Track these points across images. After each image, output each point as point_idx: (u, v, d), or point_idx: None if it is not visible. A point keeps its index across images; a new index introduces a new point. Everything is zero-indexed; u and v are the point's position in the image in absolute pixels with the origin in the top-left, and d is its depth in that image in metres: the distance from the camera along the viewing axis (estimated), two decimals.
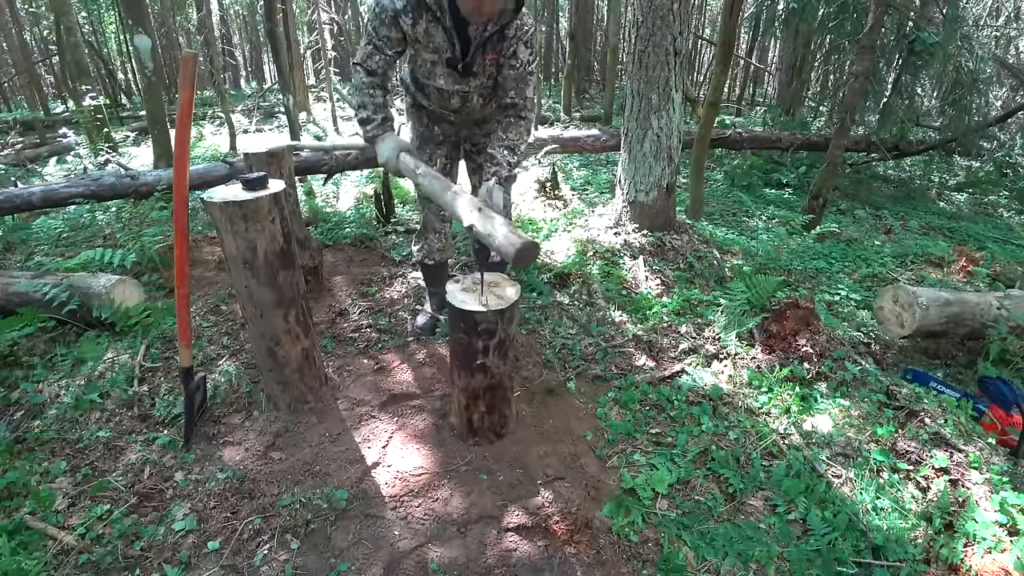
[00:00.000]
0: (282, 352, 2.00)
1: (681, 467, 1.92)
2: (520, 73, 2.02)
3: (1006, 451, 2.09)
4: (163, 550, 1.62)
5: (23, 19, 12.88)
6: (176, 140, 1.69)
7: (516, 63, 2.01)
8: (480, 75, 2.08)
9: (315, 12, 11.19)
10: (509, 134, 2.07)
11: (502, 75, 2.05)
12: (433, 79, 2.12)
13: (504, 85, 2.05)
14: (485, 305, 1.70)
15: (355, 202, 4.72)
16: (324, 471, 1.88)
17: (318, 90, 14.37)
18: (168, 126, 4.84)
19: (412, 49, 2.08)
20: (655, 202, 3.57)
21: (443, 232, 2.57)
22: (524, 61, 2.01)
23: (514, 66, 2.01)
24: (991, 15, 8.46)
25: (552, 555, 1.62)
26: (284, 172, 2.68)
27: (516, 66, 2.01)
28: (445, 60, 2.03)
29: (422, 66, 2.11)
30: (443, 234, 2.58)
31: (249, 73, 23.87)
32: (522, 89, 2.05)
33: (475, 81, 2.10)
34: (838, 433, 2.09)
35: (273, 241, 1.81)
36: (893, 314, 2.73)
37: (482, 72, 2.07)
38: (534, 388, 2.30)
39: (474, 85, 2.11)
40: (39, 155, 6.93)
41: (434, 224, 2.55)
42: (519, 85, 2.04)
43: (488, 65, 2.05)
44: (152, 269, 3.14)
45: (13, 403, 2.18)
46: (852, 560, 1.61)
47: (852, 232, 4.61)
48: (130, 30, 4.72)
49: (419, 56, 2.08)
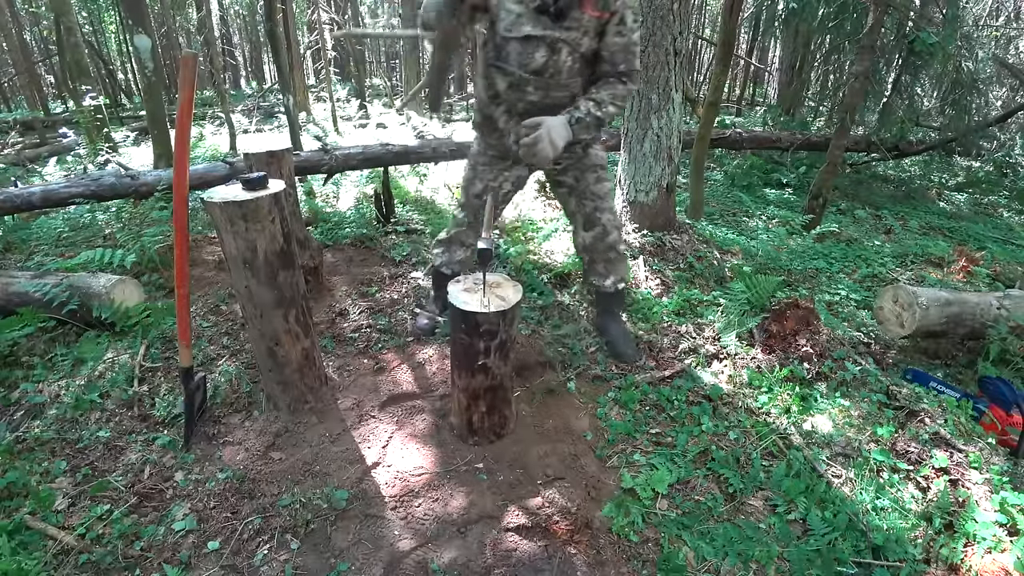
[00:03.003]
0: (282, 352, 2.00)
1: (681, 467, 1.92)
2: (628, 41, 1.91)
3: (1006, 451, 2.09)
4: (163, 550, 1.62)
5: (23, 19, 12.88)
6: (176, 140, 1.69)
7: (624, 30, 1.89)
8: (575, 28, 1.90)
9: (315, 12, 11.19)
10: (602, 91, 1.96)
11: (606, 43, 1.93)
12: (517, 29, 1.94)
13: (611, 54, 1.94)
14: (486, 306, 1.70)
15: (355, 202, 4.72)
16: (324, 471, 1.88)
17: (318, 90, 14.36)
18: (168, 126, 4.84)
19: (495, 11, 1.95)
20: (655, 202, 3.57)
21: (472, 248, 2.48)
22: (631, 28, 1.91)
23: (621, 32, 1.89)
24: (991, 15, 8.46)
25: (552, 555, 1.62)
26: (284, 172, 2.69)
27: (623, 32, 1.89)
28: (534, 8, 1.89)
29: (504, 19, 1.94)
30: (471, 249, 2.48)
31: (249, 73, 23.87)
32: (631, 59, 1.94)
33: (567, 33, 1.91)
34: (838, 433, 2.09)
35: (273, 241, 1.81)
36: (893, 314, 2.73)
37: (577, 25, 1.90)
38: (534, 388, 2.30)
39: (566, 36, 1.92)
40: (39, 155, 6.92)
41: (464, 240, 2.47)
42: (628, 56, 1.93)
43: (586, 21, 1.89)
44: (152, 269, 3.14)
45: (13, 403, 2.18)
46: (852, 560, 1.61)
47: (852, 232, 4.60)
48: (130, 30, 4.72)
49: (502, 11, 1.94)
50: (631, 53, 1.95)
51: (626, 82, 1.99)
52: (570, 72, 2.01)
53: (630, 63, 1.97)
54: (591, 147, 2.31)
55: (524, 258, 3.41)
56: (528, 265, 3.32)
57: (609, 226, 2.37)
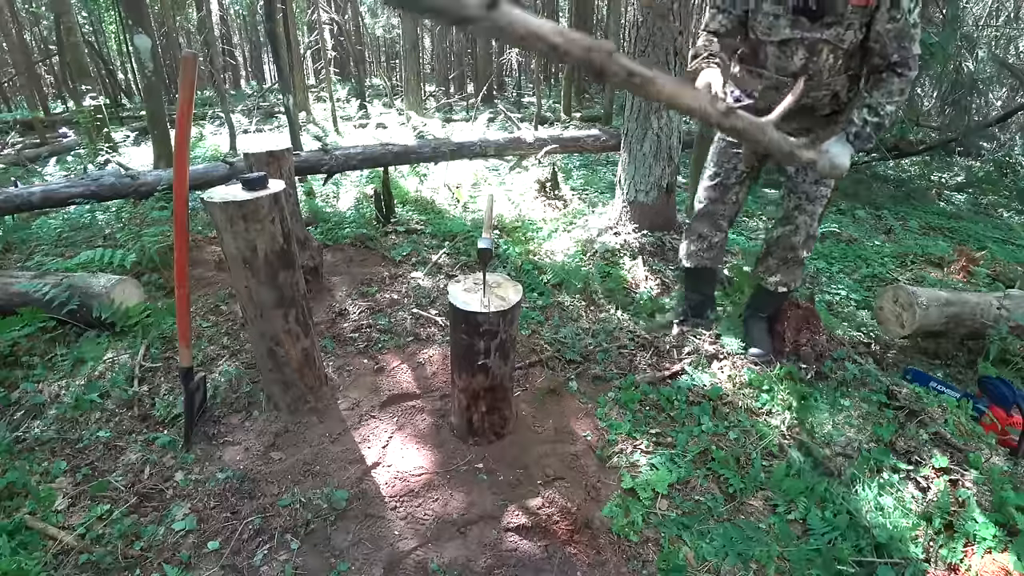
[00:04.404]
0: (282, 352, 2.00)
1: (681, 467, 1.92)
2: (902, 26, 1.70)
3: (1006, 451, 2.09)
4: (163, 550, 1.62)
5: (23, 19, 12.88)
6: (176, 140, 1.69)
7: (897, 14, 1.68)
8: (838, 24, 1.75)
9: (315, 12, 11.20)
10: (875, 92, 1.80)
11: (876, 32, 1.73)
12: (775, 32, 1.85)
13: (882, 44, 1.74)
14: (487, 306, 1.70)
15: (355, 202, 4.72)
16: (324, 471, 1.88)
17: (318, 90, 14.37)
18: (168, 126, 4.84)
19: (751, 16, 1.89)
20: (655, 202, 3.57)
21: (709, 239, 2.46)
22: (905, 11, 1.69)
23: (895, 17, 1.68)
24: (991, 15, 8.46)
25: (552, 555, 1.62)
26: (284, 172, 2.69)
27: (897, 17, 1.68)
28: (792, 7, 1.78)
29: (761, 23, 1.87)
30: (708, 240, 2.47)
31: (249, 73, 23.88)
32: (906, 47, 1.73)
33: (829, 30, 1.77)
34: (838, 433, 2.09)
35: (273, 241, 1.81)
36: (893, 314, 2.73)
37: (841, 20, 1.74)
38: (534, 388, 2.30)
39: (828, 34, 1.78)
40: (39, 155, 6.92)
41: (700, 229, 2.45)
42: (902, 42, 1.72)
43: (850, 12, 1.72)
44: (152, 269, 3.14)
45: (13, 403, 2.18)
46: (852, 560, 1.61)
47: (852, 232, 4.60)
48: (130, 30, 4.72)
49: (758, 15, 1.87)
50: (907, 38, 1.72)
51: (902, 72, 1.78)
52: (831, 71, 1.89)
53: (904, 51, 1.74)
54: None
55: (524, 258, 3.41)
56: (528, 265, 3.32)
57: (802, 228, 2.28)
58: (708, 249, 2.51)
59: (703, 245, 2.50)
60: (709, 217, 2.45)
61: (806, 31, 1.81)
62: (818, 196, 2.24)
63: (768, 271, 2.42)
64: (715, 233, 2.47)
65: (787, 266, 2.38)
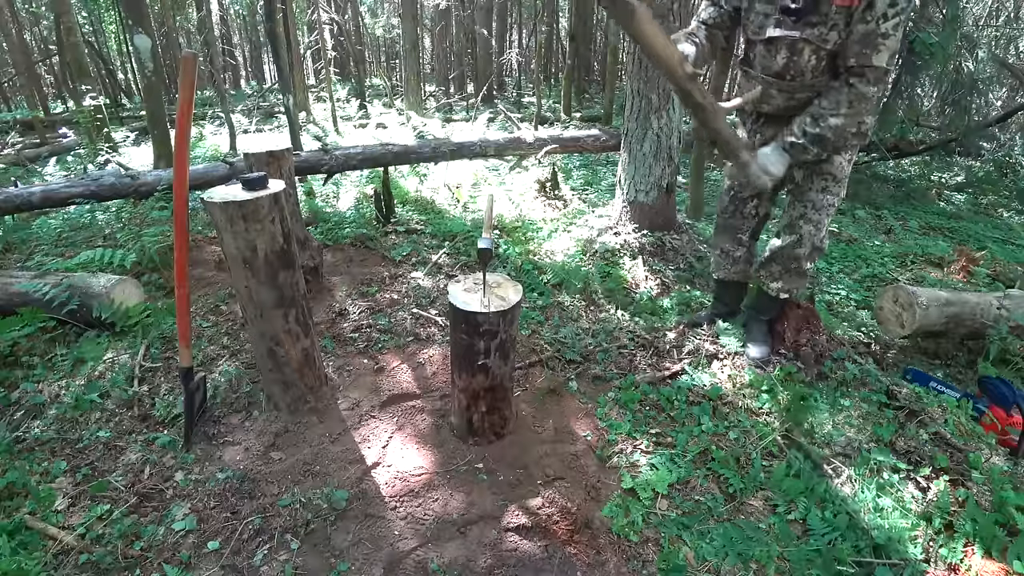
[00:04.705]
0: (282, 352, 2.00)
1: (681, 467, 1.92)
2: (870, 30, 1.67)
3: (1006, 451, 2.09)
4: (163, 550, 1.62)
5: (23, 19, 12.88)
6: (176, 140, 1.69)
7: (869, 16, 1.66)
8: (822, 24, 1.75)
9: (315, 12, 11.20)
10: (822, 100, 1.79)
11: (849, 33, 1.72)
12: (763, 32, 1.88)
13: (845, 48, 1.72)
14: (487, 306, 1.70)
15: (355, 202, 4.72)
16: (324, 471, 1.88)
17: (318, 90, 14.37)
18: (168, 126, 4.84)
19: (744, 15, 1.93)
20: (655, 202, 3.57)
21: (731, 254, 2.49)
22: (878, 16, 1.65)
23: (865, 19, 1.67)
24: (991, 15, 8.46)
25: (552, 555, 1.62)
26: (284, 172, 2.69)
27: (868, 19, 1.66)
28: (780, 7, 1.81)
29: (753, 22, 1.91)
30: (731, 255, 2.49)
31: (249, 73, 23.87)
32: (866, 54, 1.69)
33: (810, 30, 1.78)
34: (838, 433, 2.09)
35: (273, 241, 1.81)
36: (893, 314, 2.73)
37: (825, 20, 1.73)
38: (534, 388, 2.30)
39: (809, 34, 1.78)
40: (39, 155, 6.92)
41: (721, 244, 2.49)
42: (863, 48, 1.69)
43: (834, 13, 1.71)
44: (152, 269, 3.14)
45: (13, 403, 2.18)
46: (852, 560, 1.61)
47: (852, 232, 4.60)
48: (130, 30, 4.72)
49: (751, 13, 1.91)
50: (868, 45, 1.68)
51: (853, 84, 1.74)
52: (815, 72, 1.86)
53: (863, 57, 1.70)
54: (838, 154, 2.09)
55: (524, 258, 3.41)
56: (528, 265, 3.32)
57: (806, 239, 2.23)
58: (733, 263, 2.52)
59: (727, 260, 2.53)
60: (728, 231, 2.47)
61: (789, 30, 1.82)
62: (824, 205, 2.18)
63: (771, 277, 2.41)
64: (736, 248, 2.48)
65: (790, 275, 2.37)
